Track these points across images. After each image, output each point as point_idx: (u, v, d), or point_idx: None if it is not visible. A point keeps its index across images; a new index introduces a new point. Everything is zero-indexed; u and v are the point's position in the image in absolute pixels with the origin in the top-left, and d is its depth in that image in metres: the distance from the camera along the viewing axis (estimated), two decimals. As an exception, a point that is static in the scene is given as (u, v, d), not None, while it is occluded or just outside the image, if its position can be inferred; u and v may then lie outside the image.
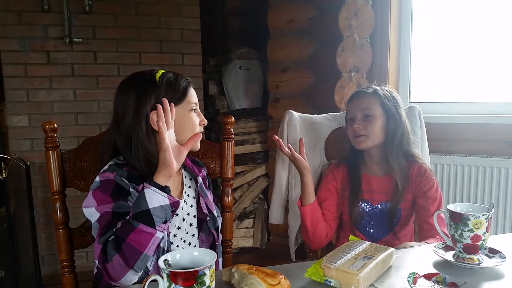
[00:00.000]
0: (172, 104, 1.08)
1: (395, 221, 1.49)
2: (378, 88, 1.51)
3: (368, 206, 1.52)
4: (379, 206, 1.51)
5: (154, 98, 1.12)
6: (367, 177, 1.54)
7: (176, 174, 1.23)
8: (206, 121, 1.24)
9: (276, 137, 1.44)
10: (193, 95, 1.20)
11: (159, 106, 1.05)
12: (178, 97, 1.16)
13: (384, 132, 1.47)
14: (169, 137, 1.04)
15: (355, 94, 1.54)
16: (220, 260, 1.39)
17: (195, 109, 1.20)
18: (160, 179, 1.03)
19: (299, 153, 1.46)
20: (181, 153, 1.07)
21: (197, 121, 1.20)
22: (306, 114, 1.82)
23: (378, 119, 1.46)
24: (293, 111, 1.78)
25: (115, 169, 1.12)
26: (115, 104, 1.18)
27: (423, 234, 1.43)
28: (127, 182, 1.10)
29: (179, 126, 1.14)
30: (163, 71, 1.19)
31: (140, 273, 1.01)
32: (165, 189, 1.02)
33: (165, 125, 1.03)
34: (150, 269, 1.07)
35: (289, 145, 1.45)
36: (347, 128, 1.54)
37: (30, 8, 2.56)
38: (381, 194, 1.51)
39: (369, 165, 1.55)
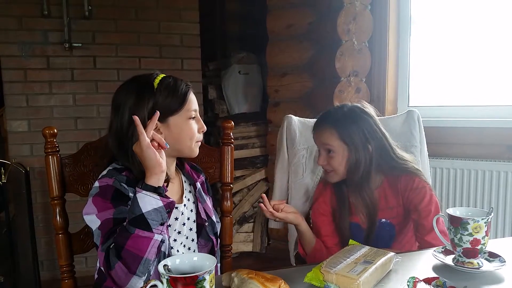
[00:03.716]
0: (157, 112, 1.07)
1: (391, 238, 1.44)
2: (339, 116, 1.39)
3: (358, 229, 1.45)
4: (366, 229, 1.44)
5: (151, 104, 1.11)
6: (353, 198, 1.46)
7: (176, 178, 1.24)
8: (206, 128, 1.21)
9: (263, 196, 1.37)
10: (192, 102, 1.17)
11: (135, 117, 1.04)
12: (177, 105, 1.13)
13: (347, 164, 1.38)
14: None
15: (315, 125, 1.44)
16: (218, 265, 1.38)
17: (194, 116, 1.17)
18: (152, 179, 1.02)
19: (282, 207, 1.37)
20: (159, 152, 1.06)
21: (195, 129, 1.17)
22: (305, 118, 1.82)
23: (339, 153, 1.36)
24: (292, 116, 1.79)
25: (113, 174, 1.11)
26: (112, 105, 1.16)
27: None
28: (126, 187, 1.10)
29: (177, 134, 1.14)
30: (163, 75, 1.17)
31: (144, 277, 1.01)
32: (158, 190, 1.01)
33: (141, 128, 1.03)
34: (151, 273, 1.07)
35: (271, 210, 1.35)
36: (317, 156, 1.46)
37: (30, 13, 2.57)
38: None
39: (350, 187, 1.45)
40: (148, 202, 0.99)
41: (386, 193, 1.43)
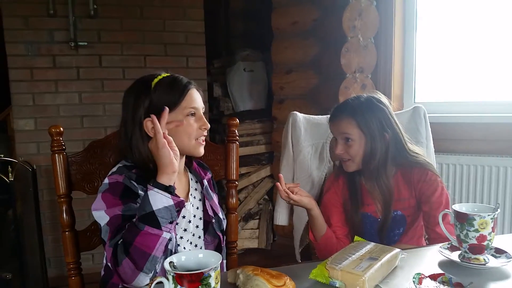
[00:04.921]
0: (166, 108, 1.09)
1: (401, 229, 1.46)
2: (356, 105, 1.40)
3: (371, 219, 1.46)
4: (381, 217, 1.45)
5: (147, 104, 1.12)
6: (367, 188, 1.47)
7: (183, 176, 1.24)
8: (208, 125, 1.19)
9: (280, 176, 1.38)
10: (191, 100, 1.15)
11: (153, 116, 1.06)
12: (174, 101, 1.13)
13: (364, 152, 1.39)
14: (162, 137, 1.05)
15: (333, 114, 1.45)
16: (224, 262, 1.39)
17: (193, 113, 1.16)
18: (163, 178, 1.04)
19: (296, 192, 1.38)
20: (174, 151, 1.07)
21: (194, 126, 1.16)
22: (310, 115, 1.82)
23: (357, 142, 1.38)
24: (297, 113, 1.78)
25: (124, 171, 1.12)
26: (122, 105, 1.19)
27: (433, 244, 1.38)
28: (136, 184, 1.11)
29: (174, 132, 1.13)
30: (164, 75, 1.17)
31: (150, 274, 1.02)
32: (169, 189, 1.03)
33: (159, 127, 1.05)
34: (157, 271, 1.07)
35: (286, 189, 1.36)
36: (334, 146, 1.46)
37: (36, 13, 2.58)
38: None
39: (366, 175, 1.47)
40: (159, 200, 1.01)
41: (399, 185, 1.44)
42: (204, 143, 1.20)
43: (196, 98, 1.17)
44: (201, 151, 1.20)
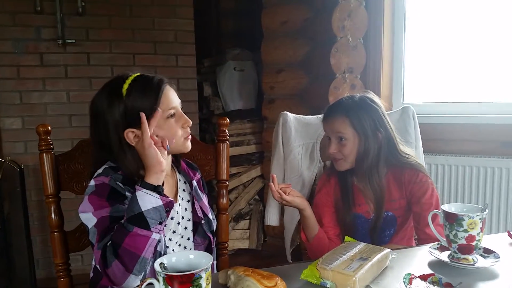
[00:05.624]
0: (158, 109, 1.07)
1: (392, 230, 1.46)
2: (350, 105, 1.41)
3: (362, 219, 1.47)
4: (373, 217, 1.46)
5: (122, 109, 1.07)
6: (359, 189, 1.48)
7: (171, 177, 1.23)
8: (190, 122, 1.15)
9: (274, 176, 1.37)
10: (168, 101, 1.11)
11: (142, 114, 1.04)
12: (149, 108, 1.07)
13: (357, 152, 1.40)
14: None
15: (327, 113, 1.45)
16: (214, 262, 1.38)
17: (172, 114, 1.12)
18: (152, 178, 1.03)
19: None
20: (161, 151, 1.06)
21: (177, 127, 1.13)
22: (301, 115, 1.82)
23: (351, 141, 1.39)
24: (287, 112, 1.78)
25: (109, 173, 1.10)
26: (90, 113, 1.13)
27: (422, 244, 1.39)
28: (122, 186, 1.09)
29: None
30: (132, 77, 1.11)
31: (140, 276, 1.01)
32: (157, 189, 1.02)
33: (146, 126, 1.03)
34: (147, 272, 1.06)
35: (279, 190, 1.35)
36: (326, 145, 1.46)
37: (23, 9, 2.54)
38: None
39: (358, 175, 1.47)
40: (147, 200, 0.99)
41: (389, 185, 1.45)
42: (190, 137, 1.18)
43: (172, 97, 1.13)
44: (188, 145, 1.17)
